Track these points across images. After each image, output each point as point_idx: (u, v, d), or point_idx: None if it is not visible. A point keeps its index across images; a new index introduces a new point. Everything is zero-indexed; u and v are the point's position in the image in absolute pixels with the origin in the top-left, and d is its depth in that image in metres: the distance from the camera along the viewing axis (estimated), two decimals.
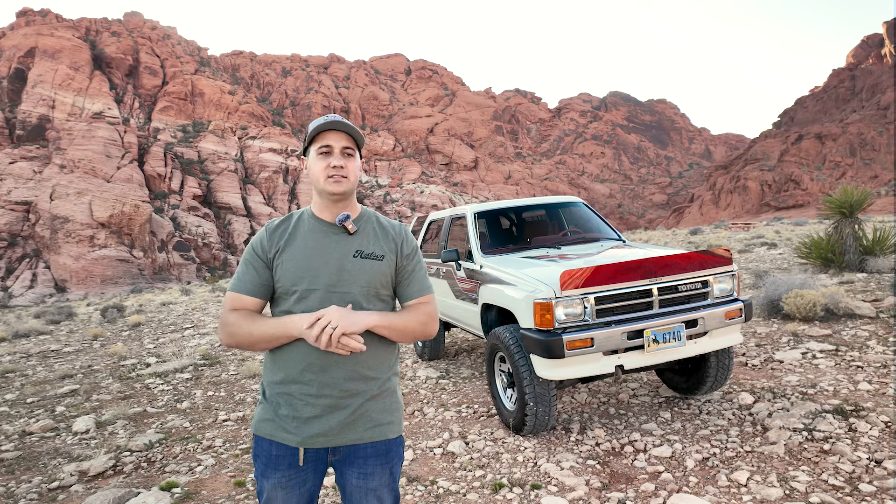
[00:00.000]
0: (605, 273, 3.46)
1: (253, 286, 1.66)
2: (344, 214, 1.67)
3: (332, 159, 1.64)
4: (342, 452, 1.67)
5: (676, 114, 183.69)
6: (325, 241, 1.66)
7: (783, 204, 79.17)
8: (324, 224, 1.69)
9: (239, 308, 1.65)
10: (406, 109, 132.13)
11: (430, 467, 3.61)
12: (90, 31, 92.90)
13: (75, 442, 4.57)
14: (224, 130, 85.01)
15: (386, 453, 1.69)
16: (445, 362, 6.42)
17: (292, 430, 1.62)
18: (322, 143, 1.64)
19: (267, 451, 1.66)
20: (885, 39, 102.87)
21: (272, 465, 1.65)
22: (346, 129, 1.64)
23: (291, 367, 1.62)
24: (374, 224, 1.75)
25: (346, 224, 1.67)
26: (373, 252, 1.68)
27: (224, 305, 1.69)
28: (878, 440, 3.28)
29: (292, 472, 1.64)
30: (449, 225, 5.76)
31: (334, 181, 1.63)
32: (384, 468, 1.69)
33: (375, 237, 1.72)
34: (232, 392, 5.83)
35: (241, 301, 1.66)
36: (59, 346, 9.74)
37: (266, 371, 1.70)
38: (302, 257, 1.64)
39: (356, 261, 1.65)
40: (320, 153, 1.65)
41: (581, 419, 4.17)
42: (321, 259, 1.64)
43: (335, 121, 1.64)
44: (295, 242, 1.66)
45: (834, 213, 9.10)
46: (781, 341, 5.53)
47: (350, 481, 1.68)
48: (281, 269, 1.64)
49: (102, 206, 56.81)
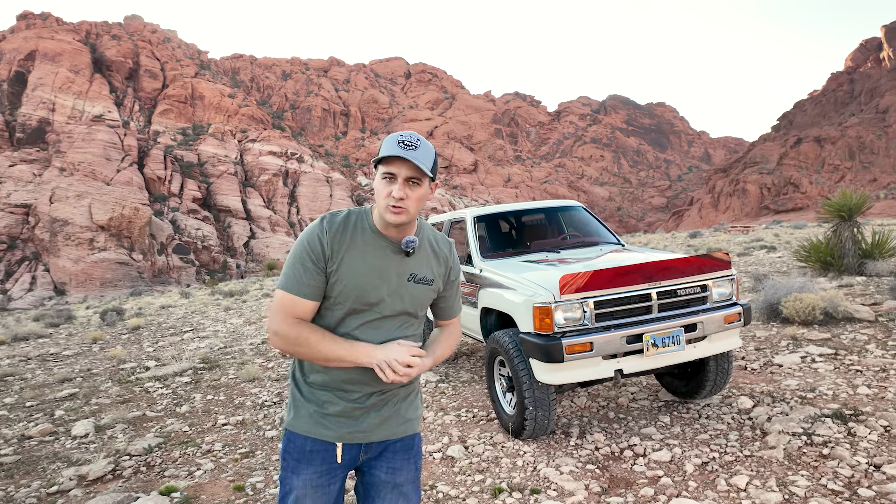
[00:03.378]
0: (604, 277, 3.47)
1: (312, 289, 1.59)
2: (412, 238, 1.65)
3: (395, 189, 1.55)
4: (375, 449, 1.72)
5: (676, 117, 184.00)
6: (384, 259, 1.64)
7: (782, 207, 79.24)
8: (384, 241, 1.65)
9: (298, 313, 1.59)
10: (406, 113, 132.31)
11: (430, 472, 3.60)
12: (90, 35, 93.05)
13: (74, 446, 4.56)
14: (224, 133, 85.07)
15: (412, 448, 1.77)
16: (445, 366, 6.42)
17: (332, 426, 1.65)
18: (387, 168, 1.57)
19: (300, 447, 1.66)
20: (884, 43, 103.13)
21: (305, 460, 1.66)
22: (412, 160, 1.53)
23: (339, 374, 1.65)
24: (427, 243, 1.74)
25: (407, 248, 1.65)
26: (425, 276, 1.71)
27: (277, 309, 1.60)
28: (877, 445, 3.28)
29: (324, 467, 1.66)
30: (448, 228, 5.77)
31: (394, 212, 1.58)
32: (410, 462, 1.76)
33: (428, 260, 1.72)
34: (231, 396, 5.83)
35: (302, 306, 1.59)
36: (58, 350, 9.74)
37: (304, 369, 1.70)
38: (361, 273, 1.61)
39: (410, 284, 1.67)
40: (384, 178, 1.57)
41: (580, 423, 4.17)
42: (380, 278, 1.63)
43: (404, 149, 1.52)
44: (354, 253, 1.61)
45: (833, 216, 9.12)
46: (780, 345, 5.53)
47: (378, 476, 1.73)
48: (338, 278, 1.60)
49: (102, 208, 56.82)
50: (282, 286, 1.61)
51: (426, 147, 1.58)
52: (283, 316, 1.59)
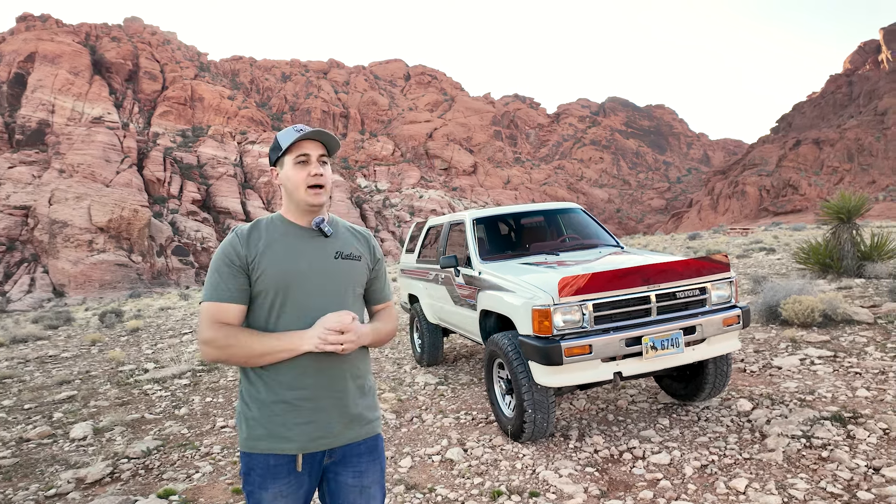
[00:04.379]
0: (602, 280, 3.47)
1: (235, 293, 1.61)
2: (319, 218, 1.73)
3: (311, 167, 1.67)
4: (339, 453, 1.70)
5: (675, 119, 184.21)
6: (303, 244, 1.70)
7: (781, 209, 79.31)
8: (299, 228, 1.72)
9: (224, 318, 1.60)
10: (405, 114, 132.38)
11: (429, 474, 3.60)
12: (90, 37, 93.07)
13: (73, 449, 4.55)
14: (223, 135, 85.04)
15: (376, 448, 1.77)
16: (444, 368, 6.41)
17: (293, 437, 1.62)
18: (300, 151, 1.67)
19: (263, 463, 1.64)
20: (882, 45, 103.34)
21: (271, 475, 1.64)
22: (323, 137, 1.68)
23: (285, 376, 1.62)
24: (344, 228, 1.82)
25: (322, 227, 1.71)
26: (351, 253, 1.76)
27: (203, 319, 1.60)
28: (876, 447, 3.28)
29: (291, 478, 1.65)
30: (448, 231, 5.77)
31: (314, 193, 1.67)
32: (376, 463, 1.76)
33: (350, 240, 1.80)
34: (230, 398, 5.82)
35: (225, 310, 1.60)
36: (56, 352, 9.72)
37: (251, 384, 1.66)
38: (284, 261, 1.65)
39: (338, 262, 1.72)
40: (298, 162, 1.67)
41: (580, 426, 4.16)
42: (304, 261, 1.67)
43: (313, 130, 1.66)
44: (274, 246, 1.66)
45: (832, 218, 9.12)
46: (780, 347, 5.53)
47: (346, 481, 1.71)
48: (262, 273, 1.62)
49: (101, 210, 56.76)
50: (205, 298, 1.63)
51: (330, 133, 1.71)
52: (209, 324, 1.59)
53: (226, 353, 1.58)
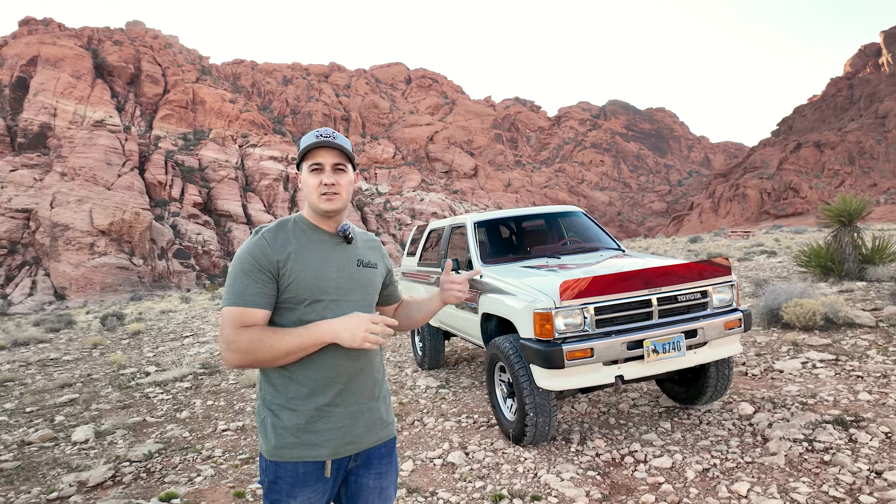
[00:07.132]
0: (604, 283, 3.47)
1: (261, 297, 1.56)
2: (345, 224, 1.73)
3: (324, 176, 1.64)
4: (363, 456, 1.72)
5: (675, 122, 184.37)
6: (332, 251, 1.69)
7: (782, 212, 79.28)
8: (326, 234, 1.71)
9: (248, 324, 1.54)
10: (406, 118, 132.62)
11: (430, 478, 3.60)
12: (92, 40, 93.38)
13: (74, 452, 4.56)
14: (225, 138, 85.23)
15: (392, 451, 1.80)
16: (445, 372, 6.41)
17: (324, 443, 1.61)
18: (313, 160, 1.65)
19: (293, 471, 1.60)
20: (883, 49, 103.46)
21: (300, 483, 1.60)
22: (336, 145, 1.64)
23: (316, 380, 1.60)
24: (358, 236, 1.82)
25: (347, 233, 1.72)
26: (370, 261, 1.79)
27: (226, 324, 1.54)
28: (878, 451, 3.27)
29: (320, 485, 1.64)
30: (449, 234, 5.78)
31: (327, 199, 1.65)
32: (392, 465, 1.79)
33: (366, 247, 1.81)
34: (231, 401, 5.82)
35: (250, 315, 1.54)
36: (58, 355, 9.73)
37: (277, 391, 1.61)
38: (315, 266, 1.62)
39: (360, 269, 1.74)
40: (312, 170, 1.66)
41: (581, 429, 4.16)
42: (333, 267, 1.66)
43: (325, 138, 1.63)
44: (304, 251, 1.63)
45: (833, 221, 9.12)
46: (781, 351, 5.53)
47: (367, 483, 1.73)
48: (293, 277, 1.58)
49: (103, 213, 56.86)
50: (227, 303, 1.56)
51: (343, 138, 1.69)
52: (232, 328, 1.53)
53: (250, 357, 1.52)
